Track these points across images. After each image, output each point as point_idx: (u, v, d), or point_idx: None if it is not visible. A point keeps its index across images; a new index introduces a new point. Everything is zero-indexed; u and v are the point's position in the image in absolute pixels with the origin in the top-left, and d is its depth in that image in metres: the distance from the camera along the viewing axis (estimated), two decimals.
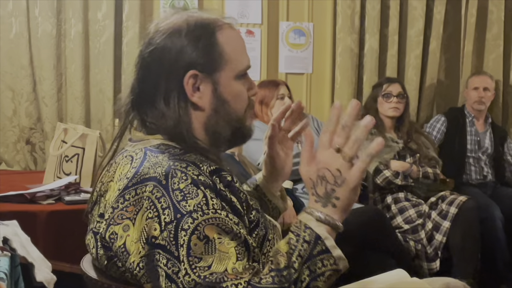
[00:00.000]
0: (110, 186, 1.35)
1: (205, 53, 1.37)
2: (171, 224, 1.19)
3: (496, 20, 4.67)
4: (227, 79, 1.40)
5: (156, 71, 1.38)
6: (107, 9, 4.01)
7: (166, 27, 1.39)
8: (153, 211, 1.22)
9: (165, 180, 1.24)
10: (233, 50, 1.41)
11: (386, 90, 4.02)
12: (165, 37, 1.37)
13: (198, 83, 1.37)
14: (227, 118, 1.41)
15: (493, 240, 3.84)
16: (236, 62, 1.41)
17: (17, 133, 4.02)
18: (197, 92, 1.38)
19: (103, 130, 4.00)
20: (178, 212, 1.20)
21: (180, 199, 1.21)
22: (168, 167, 1.26)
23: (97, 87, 4.05)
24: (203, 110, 1.39)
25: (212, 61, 1.38)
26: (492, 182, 4.35)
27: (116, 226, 1.26)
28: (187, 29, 1.37)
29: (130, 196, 1.26)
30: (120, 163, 1.36)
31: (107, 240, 1.28)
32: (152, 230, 1.21)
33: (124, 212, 1.26)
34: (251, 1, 4.30)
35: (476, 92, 4.37)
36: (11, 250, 1.89)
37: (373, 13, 4.41)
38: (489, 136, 4.43)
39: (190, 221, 1.19)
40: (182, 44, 1.36)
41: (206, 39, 1.37)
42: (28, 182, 3.07)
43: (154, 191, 1.23)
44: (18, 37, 3.95)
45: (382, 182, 3.86)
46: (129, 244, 1.24)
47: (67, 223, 2.50)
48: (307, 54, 4.44)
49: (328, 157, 1.21)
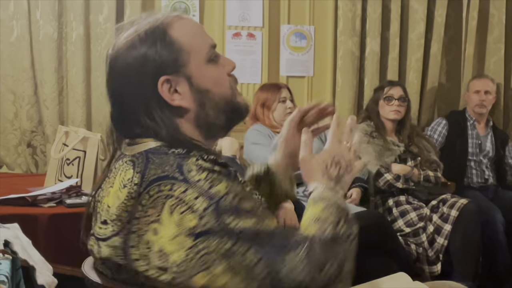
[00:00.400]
0: (109, 192, 1.34)
1: (166, 54, 1.34)
2: (208, 209, 1.21)
3: (497, 23, 4.67)
4: (197, 69, 1.37)
5: (128, 91, 1.36)
6: (109, 12, 4.01)
7: (121, 47, 1.37)
8: (183, 205, 1.21)
9: (182, 176, 1.24)
10: (190, 38, 1.37)
11: (388, 93, 4.02)
12: (123, 56, 1.36)
13: (173, 86, 1.35)
14: (215, 106, 1.39)
15: (494, 243, 3.83)
16: (198, 49, 1.38)
17: (18, 136, 4.02)
18: (176, 95, 1.35)
19: (104, 133, 3.98)
20: (211, 198, 1.21)
21: (207, 188, 1.22)
22: (179, 164, 1.26)
23: (98, 90, 4.05)
24: (189, 109, 1.37)
25: (175, 59, 1.35)
26: (493, 185, 4.34)
27: (147, 234, 1.24)
28: (139, 39, 1.35)
29: (145, 201, 1.25)
30: (120, 169, 1.35)
31: (145, 251, 1.25)
32: (188, 222, 1.20)
33: (147, 217, 1.24)
34: (252, 4, 4.30)
35: (477, 95, 4.37)
36: (12, 253, 1.89)
37: (374, 16, 4.42)
38: (490, 139, 4.43)
39: (228, 202, 1.22)
40: (141, 54, 1.34)
41: (161, 40, 1.34)
42: (29, 185, 3.07)
43: (175, 188, 1.23)
44: (19, 40, 3.95)
45: (383, 185, 3.86)
46: (166, 244, 1.22)
47: (68, 226, 2.50)
48: (308, 57, 4.44)
49: (342, 149, 1.46)
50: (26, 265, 1.92)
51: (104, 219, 1.33)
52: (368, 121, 4.07)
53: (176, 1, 4.18)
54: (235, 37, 4.30)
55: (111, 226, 1.30)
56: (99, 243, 1.33)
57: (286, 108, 3.75)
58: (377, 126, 4.02)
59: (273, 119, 3.77)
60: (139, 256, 1.25)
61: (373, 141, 3.94)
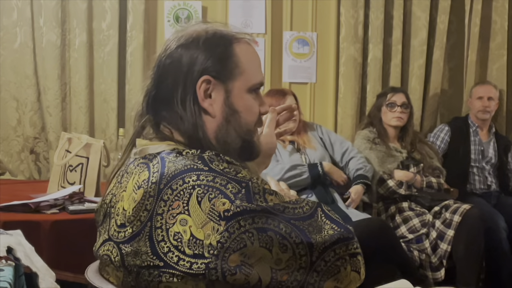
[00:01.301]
0: (122, 197, 1.36)
1: (221, 61, 1.40)
2: (240, 193, 1.26)
3: (500, 29, 4.67)
4: (239, 90, 1.43)
5: (173, 75, 1.41)
6: (111, 19, 4.02)
7: (185, 35, 1.43)
8: (214, 191, 1.26)
9: (206, 166, 1.29)
10: (248, 63, 1.44)
11: (390, 99, 4.02)
12: (184, 43, 1.41)
13: (210, 89, 1.40)
14: (237, 129, 1.43)
15: (498, 249, 3.82)
16: (250, 75, 1.44)
17: (21, 142, 4.03)
18: (208, 99, 1.40)
19: (107, 139, 4.01)
20: (240, 182, 1.28)
21: (234, 174, 1.29)
22: (200, 156, 1.32)
23: (101, 96, 4.06)
24: (214, 117, 1.41)
25: (226, 70, 1.41)
26: (496, 191, 4.34)
27: (174, 226, 1.26)
28: (205, 36, 1.41)
29: (168, 195, 1.27)
30: (133, 173, 1.37)
31: (173, 243, 1.26)
32: (220, 206, 1.24)
33: (172, 211, 1.27)
34: (255, 10, 4.31)
35: (480, 102, 4.37)
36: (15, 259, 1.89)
37: (376, 23, 4.42)
38: (493, 145, 4.42)
39: (256, 185, 1.29)
40: (199, 50, 1.40)
41: (223, 48, 1.41)
42: (32, 192, 3.07)
43: (202, 177, 1.27)
44: (23, 47, 3.96)
45: (386, 192, 3.86)
46: (197, 232, 1.25)
47: (71, 233, 2.50)
48: (310, 64, 4.45)
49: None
50: (29, 271, 1.92)
51: (121, 223, 1.34)
52: (371, 127, 4.07)
53: (179, 8, 4.19)
54: None
55: (130, 228, 1.31)
56: (120, 246, 1.33)
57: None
58: (379, 133, 4.02)
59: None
60: (170, 248, 1.27)
61: (375, 147, 3.94)
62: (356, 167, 3.77)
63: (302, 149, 3.77)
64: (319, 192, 3.59)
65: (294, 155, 3.70)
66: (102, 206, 1.44)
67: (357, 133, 4.15)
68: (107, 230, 1.38)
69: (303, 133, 3.85)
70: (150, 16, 4.16)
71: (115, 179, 1.47)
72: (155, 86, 1.45)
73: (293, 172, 3.57)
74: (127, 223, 1.32)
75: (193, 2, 4.21)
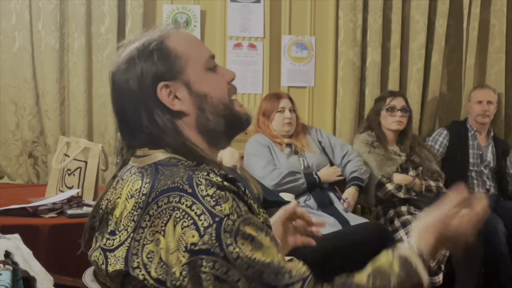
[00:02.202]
0: (117, 203, 1.35)
1: (163, 62, 1.38)
2: (210, 228, 1.21)
3: (498, 33, 4.68)
4: (195, 74, 1.40)
5: (130, 101, 1.39)
6: (110, 23, 4.03)
7: (121, 61, 1.41)
8: (188, 219, 1.23)
9: (191, 189, 1.25)
10: (186, 47, 1.42)
11: (390, 104, 4.02)
12: (124, 71, 1.40)
13: (172, 92, 1.38)
14: (214, 110, 1.41)
15: (496, 254, 3.82)
16: (195, 56, 1.42)
17: (19, 146, 4.02)
18: (176, 100, 1.38)
19: (106, 143, 4.01)
20: (215, 216, 1.22)
21: (213, 204, 1.23)
22: (189, 176, 1.27)
23: (100, 100, 4.06)
24: (189, 114, 1.40)
25: (172, 66, 1.39)
26: (494, 195, 4.34)
27: (150, 244, 1.25)
28: (137, 53, 1.39)
29: (153, 211, 1.26)
30: (128, 180, 1.36)
31: (145, 261, 1.26)
32: (190, 237, 1.22)
33: (153, 228, 1.25)
34: (253, 14, 4.32)
35: (480, 106, 4.37)
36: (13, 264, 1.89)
37: (375, 27, 4.43)
38: (492, 149, 4.42)
39: (230, 223, 1.22)
40: (139, 67, 1.38)
41: (158, 51, 1.39)
42: (31, 196, 3.07)
43: (183, 201, 1.24)
44: (21, 51, 3.97)
45: (385, 195, 3.85)
46: (165, 256, 1.23)
47: (69, 237, 2.48)
48: (309, 68, 4.45)
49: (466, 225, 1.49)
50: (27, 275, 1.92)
51: (112, 230, 1.34)
52: (369, 131, 4.07)
53: (177, 12, 4.19)
54: (236, 47, 4.31)
55: (118, 236, 1.31)
56: (107, 254, 1.33)
57: (284, 118, 3.76)
58: (378, 136, 4.02)
59: (272, 129, 3.78)
60: (139, 265, 1.26)
61: (374, 150, 3.94)
62: (351, 169, 3.78)
63: (300, 152, 3.77)
64: (317, 195, 3.60)
65: (292, 158, 3.70)
66: (98, 211, 1.44)
67: (356, 136, 4.16)
68: (103, 236, 1.37)
69: (302, 136, 3.86)
70: (149, 20, 4.16)
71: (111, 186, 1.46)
72: (121, 121, 1.43)
73: (291, 178, 3.57)
74: (117, 232, 1.32)
75: (192, 6, 4.21)
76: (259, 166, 3.59)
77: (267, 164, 3.59)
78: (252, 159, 3.66)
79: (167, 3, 4.20)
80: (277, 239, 1.32)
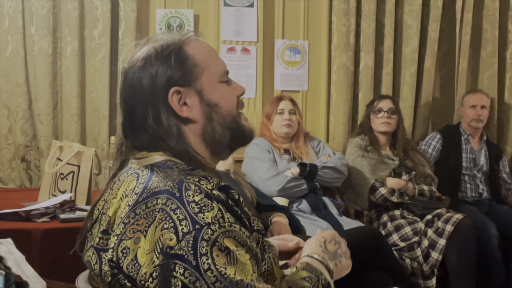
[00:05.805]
0: (112, 204, 1.36)
1: (179, 67, 1.40)
2: (189, 235, 1.21)
3: (491, 38, 4.70)
4: (209, 84, 1.42)
5: (140, 99, 1.40)
6: (103, 27, 4.02)
7: (136, 59, 1.42)
8: (169, 222, 1.23)
9: (179, 193, 1.26)
10: (205, 56, 1.44)
11: (377, 106, 4.06)
12: (139, 68, 1.41)
13: (183, 98, 1.40)
14: (221, 121, 1.43)
15: (489, 257, 3.83)
16: (212, 67, 1.44)
17: (12, 150, 4.01)
18: (185, 107, 1.40)
19: (99, 147, 4.00)
20: (196, 223, 1.22)
21: (197, 211, 1.24)
22: (180, 180, 1.28)
23: (93, 104, 4.06)
24: (197, 121, 1.41)
25: (188, 73, 1.40)
26: (487, 199, 4.35)
27: (128, 240, 1.26)
28: (155, 53, 1.41)
29: (141, 210, 1.27)
30: (124, 181, 1.37)
31: (119, 255, 1.27)
32: (167, 240, 1.22)
33: (135, 226, 1.26)
34: (247, 18, 4.32)
35: (473, 110, 4.38)
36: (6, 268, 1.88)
37: (368, 31, 4.44)
38: (485, 153, 4.44)
39: (209, 233, 1.22)
40: (155, 67, 1.39)
41: (176, 55, 1.40)
42: (23, 200, 3.05)
43: (168, 203, 1.25)
44: (14, 55, 3.95)
45: (378, 199, 3.86)
46: (140, 256, 1.23)
47: (62, 241, 2.47)
48: (302, 72, 4.46)
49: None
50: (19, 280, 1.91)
51: (104, 229, 1.34)
52: (363, 135, 4.09)
53: (170, 16, 4.19)
54: (230, 51, 4.31)
55: (112, 236, 1.31)
56: (100, 254, 1.33)
57: (283, 119, 3.76)
58: (371, 141, 4.03)
59: (272, 131, 3.79)
60: (111, 259, 1.27)
61: (367, 155, 3.95)
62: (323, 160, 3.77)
63: (298, 159, 3.76)
64: (311, 199, 3.59)
65: (291, 165, 3.70)
66: (94, 211, 1.44)
67: (349, 141, 4.16)
68: (95, 236, 1.37)
69: (302, 143, 3.84)
70: (142, 24, 4.16)
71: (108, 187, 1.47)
72: (127, 118, 1.44)
73: (295, 183, 3.56)
74: (110, 231, 1.32)
75: (185, 10, 4.21)
76: (262, 169, 3.57)
77: (270, 167, 3.59)
78: (255, 162, 3.64)
79: (161, 7, 4.20)
80: (258, 255, 1.30)
